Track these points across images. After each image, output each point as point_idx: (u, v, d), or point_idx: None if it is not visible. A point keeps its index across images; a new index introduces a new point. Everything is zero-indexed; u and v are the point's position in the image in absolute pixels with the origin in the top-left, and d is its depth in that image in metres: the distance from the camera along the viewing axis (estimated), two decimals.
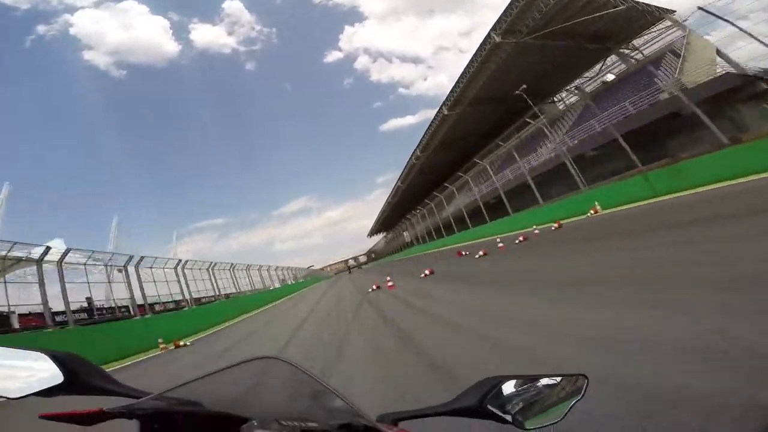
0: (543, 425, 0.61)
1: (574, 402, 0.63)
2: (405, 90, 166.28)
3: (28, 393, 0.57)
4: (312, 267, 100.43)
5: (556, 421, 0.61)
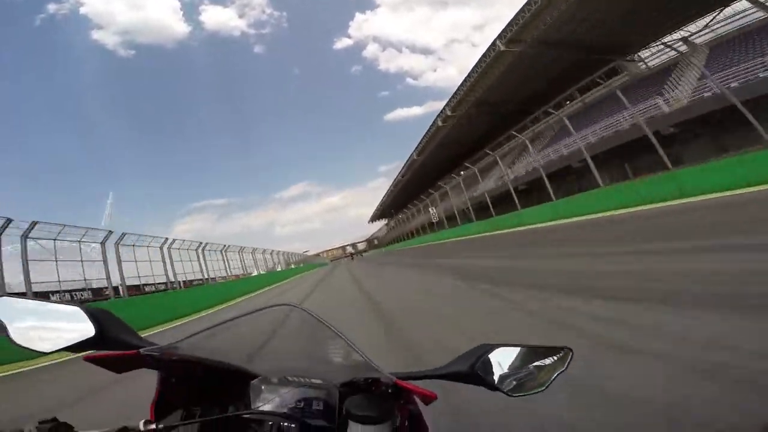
0: (528, 393, 0.62)
1: (558, 373, 0.63)
2: (413, 81, 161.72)
3: (59, 347, 0.59)
4: (307, 252, 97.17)
5: (539, 390, 0.62)
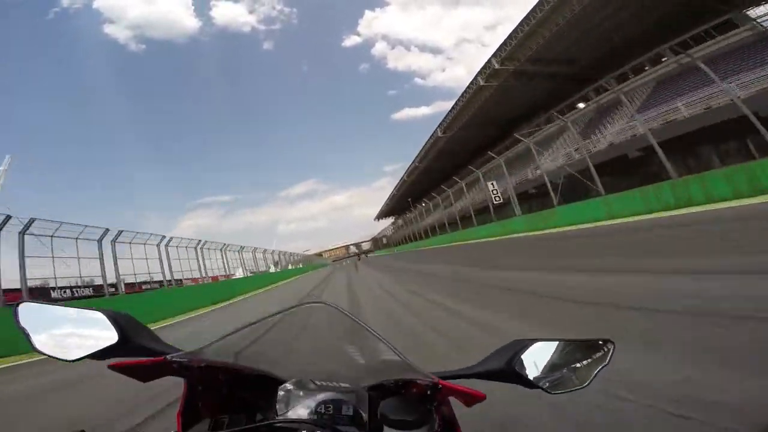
0: (569, 390, 0.59)
1: (600, 368, 0.60)
2: (421, 80, 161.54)
3: (83, 355, 0.57)
4: (307, 251, 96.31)
5: (581, 386, 0.59)
